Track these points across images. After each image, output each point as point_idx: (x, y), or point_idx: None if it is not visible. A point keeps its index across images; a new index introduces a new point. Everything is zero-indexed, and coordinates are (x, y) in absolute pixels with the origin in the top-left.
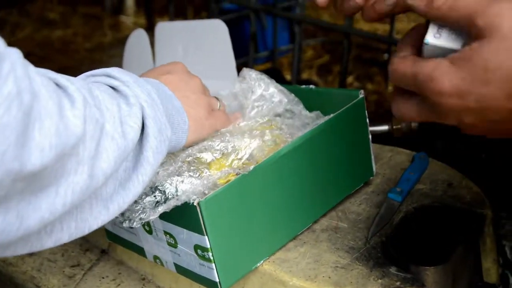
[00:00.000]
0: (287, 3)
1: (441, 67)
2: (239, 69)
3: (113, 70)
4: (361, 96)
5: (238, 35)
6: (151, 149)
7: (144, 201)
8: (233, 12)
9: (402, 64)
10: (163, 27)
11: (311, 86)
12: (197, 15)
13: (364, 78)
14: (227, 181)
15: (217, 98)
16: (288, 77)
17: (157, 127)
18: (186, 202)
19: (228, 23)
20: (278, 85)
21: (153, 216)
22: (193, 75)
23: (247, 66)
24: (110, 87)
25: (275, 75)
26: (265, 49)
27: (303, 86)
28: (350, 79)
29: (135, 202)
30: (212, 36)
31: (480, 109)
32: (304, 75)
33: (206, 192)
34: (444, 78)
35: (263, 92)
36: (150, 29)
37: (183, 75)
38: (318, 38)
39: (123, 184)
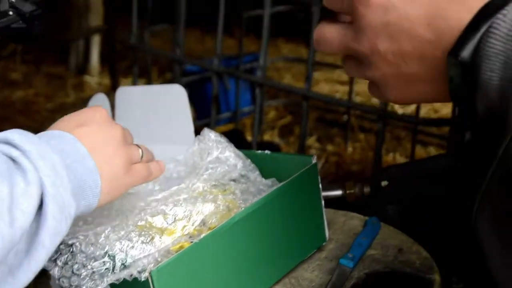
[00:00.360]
0: (250, 65)
1: None
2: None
3: (15, 136)
4: (313, 162)
5: (202, 96)
6: (48, 231)
7: (93, 265)
8: (196, 74)
9: None
10: (123, 92)
11: (267, 152)
12: (161, 76)
13: (325, 139)
14: (179, 248)
15: (138, 146)
16: (250, 138)
17: (57, 206)
18: (137, 271)
19: (191, 84)
20: (236, 150)
21: (100, 286)
22: (114, 123)
23: (209, 127)
24: (10, 157)
25: (237, 136)
26: (227, 110)
27: (259, 151)
28: (311, 140)
29: (83, 266)
30: (171, 101)
31: (398, 31)
32: (266, 136)
33: (159, 259)
34: None
35: (219, 154)
36: (114, 89)
37: (101, 125)
38: (280, 99)
39: (13, 271)
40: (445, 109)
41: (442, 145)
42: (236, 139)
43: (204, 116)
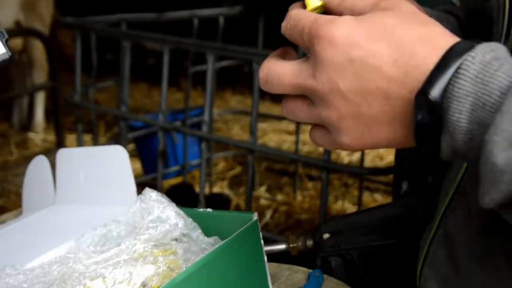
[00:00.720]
0: (197, 118)
1: (345, 17)
2: (149, 185)
3: None
4: (254, 219)
5: (149, 150)
6: None
7: None
8: (143, 129)
9: (305, 12)
10: (64, 154)
11: (208, 210)
12: (109, 130)
13: (274, 188)
14: None
15: None
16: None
17: None
18: None
19: (138, 139)
20: (177, 209)
21: None
22: None
23: (156, 182)
24: None
25: (186, 190)
26: (176, 163)
27: (201, 209)
28: (261, 190)
29: None
30: (112, 162)
31: (362, 68)
32: (217, 188)
33: None
34: (343, 24)
35: (160, 214)
36: (59, 146)
37: None
38: (229, 151)
39: None
40: (391, 156)
41: (389, 191)
42: (184, 192)
43: (152, 170)
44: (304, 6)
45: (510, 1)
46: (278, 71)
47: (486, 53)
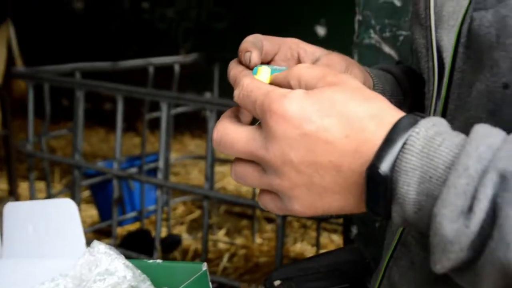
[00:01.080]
0: (154, 164)
1: (296, 92)
2: (105, 232)
3: None
4: (204, 269)
5: (105, 197)
6: None
7: None
8: (98, 176)
9: (257, 82)
10: (11, 207)
11: (158, 261)
12: (64, 177)
13: (234, 232)
14: None
15: None
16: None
17: None
18: None
19: (94, 186)
20: (126, 261)
21: None
22: None
23: (111, 229)
24: None
25: (142, 236)
26: (133, 209)
27: (150, 260)
28: (220, 234)
29: None
30: (61, 215)
31: (314, 142)
32: (175, 232)
33: None
34: (295, 100)
35: (108, 266)
36: (12, 194)
37: None
38: (188, 196)
39: None
40: None
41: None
42: (141, 239)
43: (108, 217)
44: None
45: (438, 63)
46: (231, 136)
47: (429, 128)
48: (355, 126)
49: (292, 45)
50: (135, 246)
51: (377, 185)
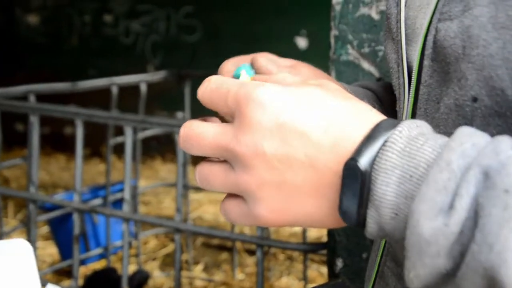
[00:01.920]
0: (121, 194)
1: (274, 84)
2: (67, 272)
3: None
4: None
5: (66, 233)
6: None
7: None
8: (58, 209)
9: (227, 77)
10: None
11: None
12: (18, 212)
13: (212, 267)
14: None
15: None
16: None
17: None
18: None
19: (53, 221)
20: None
21: None
22: None
23: (71, 269)
24: None
25: (109, 275)
26: (98, 245)
27: None
28: (197, 270)
29: None
30: (14, 257)
31: (291, 134)
32: (147, 268)
33: None
34: (274, 89)
35: None
36: None
37: None
38: (160, 228)
39: None
40: None
41: None
42: (107, 278)
43: (70, 255)
44: None
45: (409, 79)
46: (198, 131)
47: (412, 129)
48: (335, 121)
49: (262, 60)
50: (100, 287)
51: (354, 181)
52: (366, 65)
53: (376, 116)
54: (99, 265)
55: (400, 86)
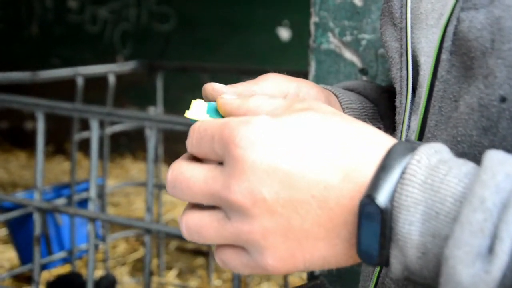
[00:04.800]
0: (87, 193)
1: (260, 117)
2: (27, 278)
3: None
4: None
5: (26, 235)
6: None
7: None
8: (17, 209)
9: (209, 121)
10: None
11: None
12: None
13: (187, 272)
14: None
15: None
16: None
17: None
18: None
19: (12, 222)
20: None
21: None
22: None
23: (32, 274)
24: None
25: (74, 281)
26: (62, 248)
27: None
28: (170, 275)
29: None
30: None
31: (292, 174)
32: (116, 273)
33: None
34: (262, 124)
35: None
36: None
37: None
38: (130, 230)
39: None
40: None
41: None
42: (71, 284)
43: (31, 259)
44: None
45: (413, 71)
46: (187, 175)
47: (430, 155)
48: (341, 150)
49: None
50: None
51: (373, 220)
52: (348, 54)
53: (385, 139)
54: (63, 270)
55: (402, 79)
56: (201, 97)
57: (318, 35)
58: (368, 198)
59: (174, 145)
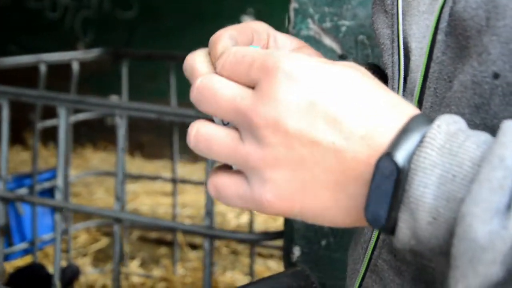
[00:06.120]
0: (49, 183)
1: (309, 57)
2: None
3: None
4: None
5: None
6: None
7: None
8: None
9: (250, 48)
10: None
11: None
12: None
13: (150, 262)
14: None
15: None
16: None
17: None
18: None
19: None
20: None
21: None
22: None
23: None
24: None
25: (35, 272)
26: (23, 240)
27: None
28: (133, 265)
29: None
30: None
31: (320, 115)
32: (79, 263)
33: None
34: (309, 63)
35: None
36: None
37: None
38: (92, 221)
39: None
40: (281, 220)
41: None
42: (34, 276)
43: None
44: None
45: (404, 56)
46: (217, 86)
47: (450, 124)
48: (370, 109)
49: (260, 29)
50: (25, 285)
51: (388, 179)
52: (327, 41)
53: (410, 109)
54: (23, 262)
55: (394, 64)
56: (164, 87)
57: (297, 21)
58: (387, 156)
59: (135, 134)
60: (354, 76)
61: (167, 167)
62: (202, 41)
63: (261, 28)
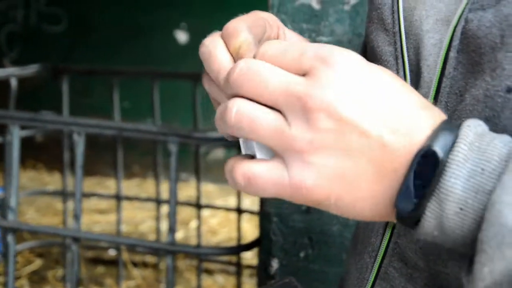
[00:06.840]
0: None
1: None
2: None
3: None
4: None
5: None
6: None
7: None
8: None
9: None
10: None
11: None
12: None
13: (88, 282)
14: None
15: None
16: None
17: None
18: None
19: None
20: None
21: None
22: None
23: None
24: None
25: None
26: None
27: None
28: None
29: None
30: None
31: (374, 106)
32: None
33: None
34: (360, 58)
35: None
36: None
37: None
38: (26, 243)
39: None
40: (224, 231)
41: (229, 271)
42: None
43: None
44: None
45: (408, 53)
46: (265, 70)
47: (477, 126)
48: (409, 108)
49: (271, 20)
50: None
51: (427, 169)
52: None
53: (440, 112)
54: None
55: (398, 58)
56: (100, 103)
57: None
58: (428, 148)
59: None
60: (393, 78)
61: (101, 183)
62: (136, 56)
63: (272, 19)
